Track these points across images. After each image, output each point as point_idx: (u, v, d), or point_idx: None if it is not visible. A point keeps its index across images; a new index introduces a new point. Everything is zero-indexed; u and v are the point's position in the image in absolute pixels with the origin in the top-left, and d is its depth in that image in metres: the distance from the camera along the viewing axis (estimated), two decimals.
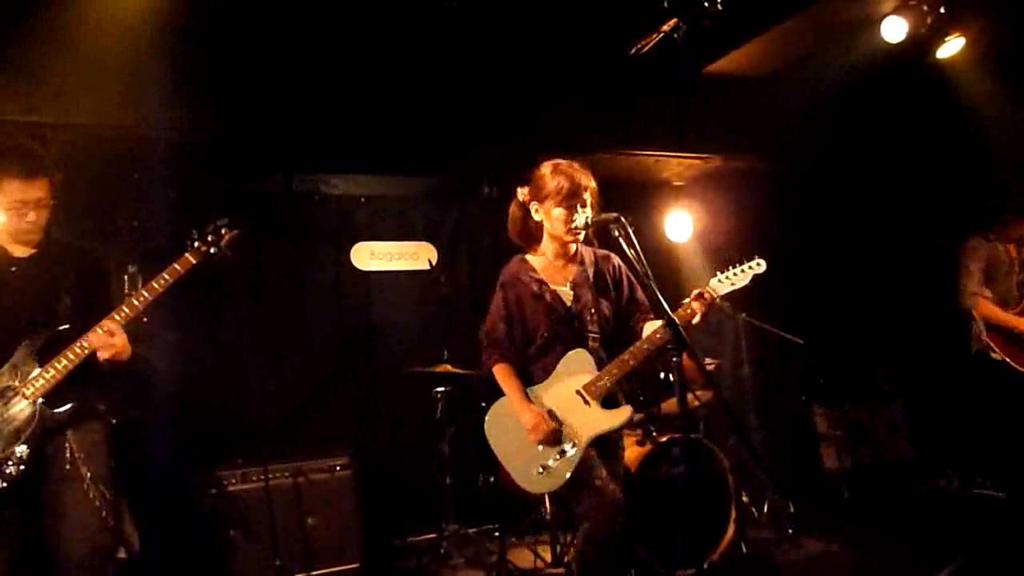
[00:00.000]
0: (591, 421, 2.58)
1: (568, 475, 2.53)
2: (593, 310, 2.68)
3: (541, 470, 2.56)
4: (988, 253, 4.18)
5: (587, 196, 2.65)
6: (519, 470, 2.61)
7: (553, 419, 2.59)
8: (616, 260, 2.82)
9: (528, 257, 2.80)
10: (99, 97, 3.71)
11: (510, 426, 2.64)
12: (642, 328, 2.73)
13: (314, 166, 4.83)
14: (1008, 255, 4.19)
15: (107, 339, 2.50)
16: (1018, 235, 4.21)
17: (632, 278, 2.81)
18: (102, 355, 2.51)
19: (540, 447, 2.58)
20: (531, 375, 2.71)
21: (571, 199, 2.62)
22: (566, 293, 2.71)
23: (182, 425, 4.01)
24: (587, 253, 2.80)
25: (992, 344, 4.08)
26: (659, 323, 2.59)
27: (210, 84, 3.96)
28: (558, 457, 2.56)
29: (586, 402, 2.60)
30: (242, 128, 4.14)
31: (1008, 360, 4.03)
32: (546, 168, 2.71)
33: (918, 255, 4.51)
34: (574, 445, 2.56)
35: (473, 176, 5.26)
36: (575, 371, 2.64)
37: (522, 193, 2.77)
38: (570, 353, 2.65)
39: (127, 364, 2.60)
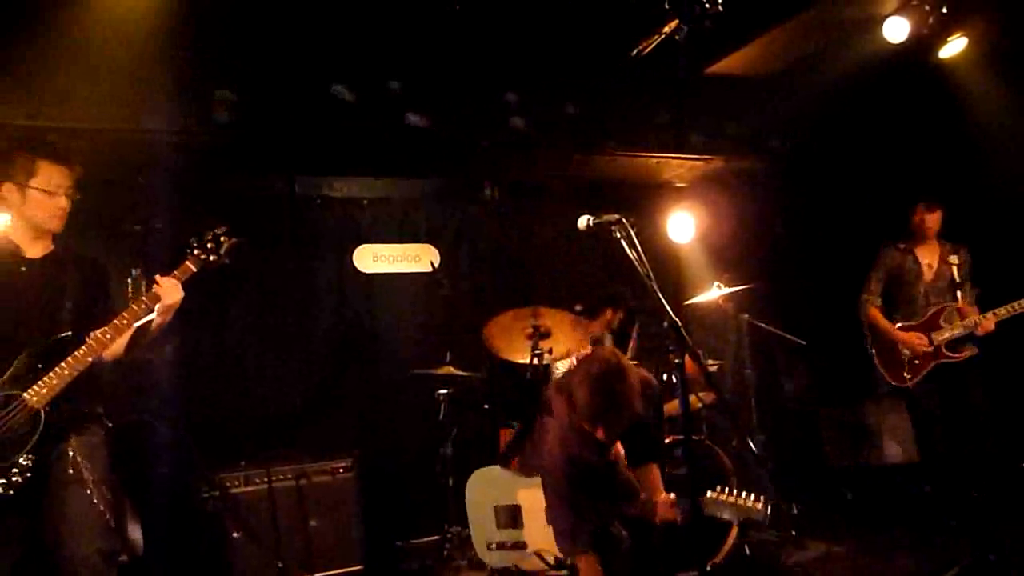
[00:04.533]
0: (544, 540, 2.78)
1: (506, 566, 2.85)
2: None
3: (493, 546, 2.86)
4: (894, 262, 4.32)
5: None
6: (476, 531, 2.95)
7: (515, 516, 2.84)
8: (656, 390, 2.97)
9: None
10: (103, 101, 3.72)
11: (486, 495, 2.91)
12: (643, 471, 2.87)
13: (316, 169, 4.84)
14: (914, 264, 4.28)
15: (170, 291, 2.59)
16: (924, 230, 4.29)
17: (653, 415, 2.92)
18: (166, 302, 2.59)
19: (498, 527, 2.85)
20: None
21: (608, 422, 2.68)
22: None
23: (185, 427, 4.02)
24: None
25: (874, 352, 4.30)
26: (653, 495, 2.75)
27: (213, 88, 3.98)
28: (508, 545, 2.85)
29: (547, 524, 2.77)
30: (245, 131, 4.15)
31: (881, 370, 4.27)
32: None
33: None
34: (524, 547, 2.81)
35: (475, 178, 5.27)
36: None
37: None
38: None
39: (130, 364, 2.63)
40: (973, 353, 4.19)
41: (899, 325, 4.31)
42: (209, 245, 2.73)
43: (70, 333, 2.54)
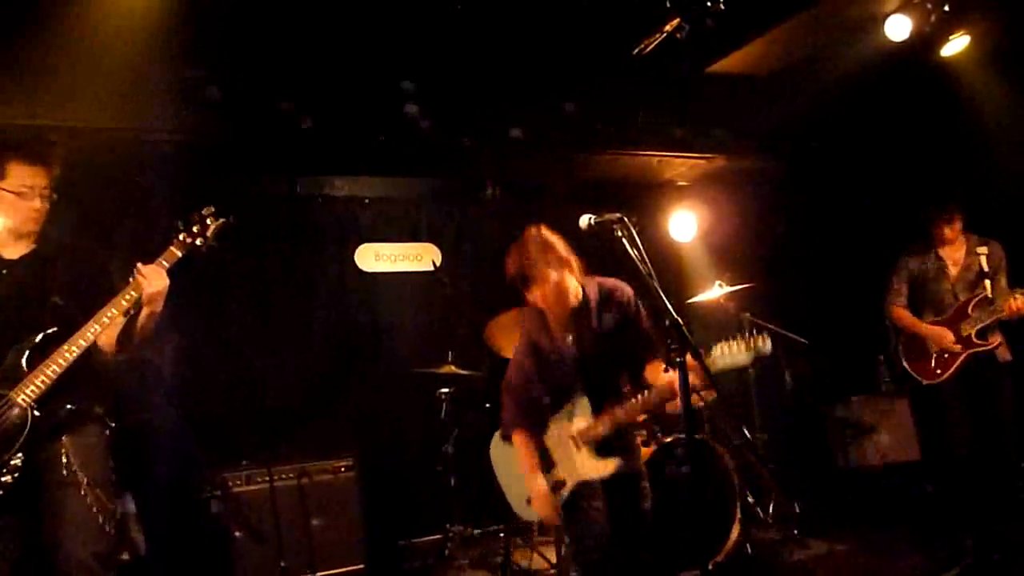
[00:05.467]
0: (579, 467, 2.72)
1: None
2: (593, 354, 2.75)
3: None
4: (913, 266, 4.20)
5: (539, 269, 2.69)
6: (514, 496, 2.91)
7: (546, 458, 2.77)
8: (627, 293, 2.82)
9: (538, 308, 2.83)
10: (103, 100, 3.71)
11: (512, 456, 2.85)
12: (646, 372, 2.77)
13: (318, 168, 4.84)
14: (937, 262, 4.16)
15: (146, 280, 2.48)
16: (945, 238, 4.13)
17: (642, 312, 2.81)
18: (149, 290, 2.48)
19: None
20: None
21: (526, 284, 2.72)
22: (569, 342, 2.78)
23: (186, 427, 4.02)
24: (592, 289, 2.81)
25: (901, 353, 4.17)
26: (657, 383, 2.64)
27: (213, 87, 3.97)
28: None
29: (577, 447, 2.73)
30: (245, 131, 4.15)
31: (909, 370, 4.12)
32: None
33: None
34: (563, 486, 2.73)
35: (476, 177, 5.27)
36: (574, 415, 2.76)
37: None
38: (573, 397, 2.77)
39: (131, 363, 2.59)
40: (1004, 348, 3.98)
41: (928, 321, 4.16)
42: (195, 228, 2.61)
43: (55, 330, 2.48)
